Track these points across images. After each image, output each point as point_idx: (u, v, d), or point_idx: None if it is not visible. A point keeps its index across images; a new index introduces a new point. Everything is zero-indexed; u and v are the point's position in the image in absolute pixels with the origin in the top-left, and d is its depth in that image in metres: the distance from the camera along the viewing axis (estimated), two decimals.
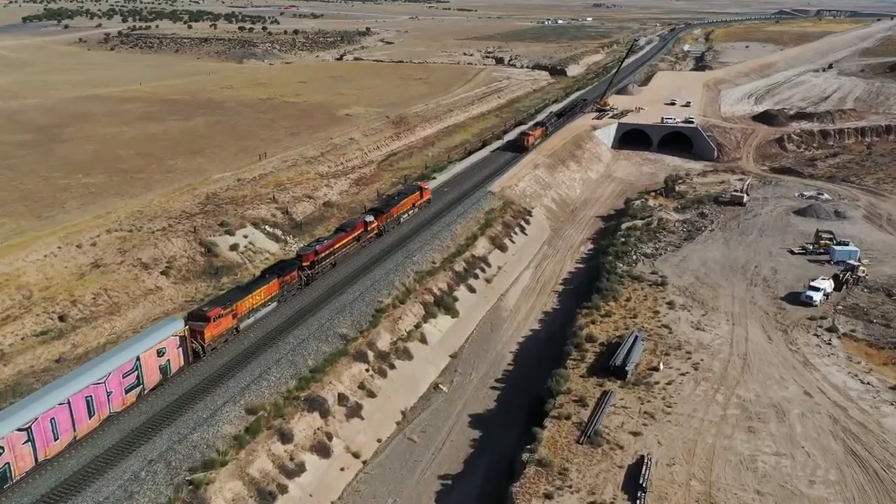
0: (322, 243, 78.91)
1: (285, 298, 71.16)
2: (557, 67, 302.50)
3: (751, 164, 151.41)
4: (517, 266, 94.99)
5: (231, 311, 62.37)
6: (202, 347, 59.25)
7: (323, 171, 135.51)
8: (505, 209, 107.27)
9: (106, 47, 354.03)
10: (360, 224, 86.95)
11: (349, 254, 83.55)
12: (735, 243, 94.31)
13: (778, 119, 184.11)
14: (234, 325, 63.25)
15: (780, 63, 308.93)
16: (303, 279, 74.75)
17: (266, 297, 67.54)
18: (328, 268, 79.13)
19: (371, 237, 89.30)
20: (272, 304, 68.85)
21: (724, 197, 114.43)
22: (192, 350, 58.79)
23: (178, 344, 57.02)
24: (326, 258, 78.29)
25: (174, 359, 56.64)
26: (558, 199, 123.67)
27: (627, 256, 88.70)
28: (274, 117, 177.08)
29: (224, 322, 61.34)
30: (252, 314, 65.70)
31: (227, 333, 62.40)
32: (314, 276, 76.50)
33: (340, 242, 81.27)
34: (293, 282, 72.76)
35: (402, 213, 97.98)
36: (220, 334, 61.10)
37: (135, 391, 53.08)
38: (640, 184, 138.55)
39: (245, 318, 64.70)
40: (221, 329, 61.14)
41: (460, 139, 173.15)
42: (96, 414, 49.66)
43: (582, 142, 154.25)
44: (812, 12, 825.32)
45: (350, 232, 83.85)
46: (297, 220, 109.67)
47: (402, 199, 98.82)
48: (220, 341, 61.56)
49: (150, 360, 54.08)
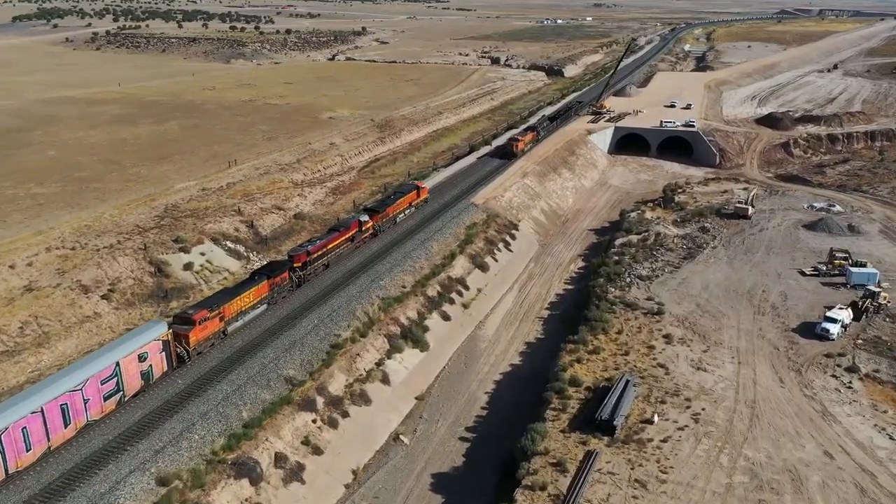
0: (314, 244, 76.73)
1: (275, 301, 69.04)
2: (554, 68, 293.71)
3: (755, 171, 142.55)
4: (499, 288, 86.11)
5: (218, 313, 60.33)
6: (187, 352, 57.00)
7: (297, 180, 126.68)
8: (488, 223, 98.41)
9: (92, 47, 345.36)
10: (355, 224, 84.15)
11: (343, 254, 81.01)
12: (740, 263, 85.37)
13: (783, 122, 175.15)
14: (222, 329, 61.27)
15: (784, 63, 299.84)
16: (294, 280, 72.49)
17: (255, 300, 65.55)
18: (321, 269, 76.94)
19: (366, 237, 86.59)
20: (262, 307, 66.67)
21: (727, 209, 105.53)
22: (177, 355, 56.61)
23: (161, 348, 54.96)
24: (319, 259, 76.19)
25: (157, 364, 54.53)
26: (548, 211, 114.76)
27: (620, 279, 79.76)
28: (253, 120, 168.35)
29: (210, 325, 59.27)
30: (241, 317, 63.63)
31: (214, 337, 60.34)
32: (306, 277, 74.24)
33: (333, 243, 78.92)
34: (284, 283, 70.58)
35: (399, 213, 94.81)
36: (206, 338, 59.02)
37: (114, 398, 51.01)
38: (637, 192, 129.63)
39: (233, 321, 62.76)
40: (208, 333, 59.09)
41: (448, 143, 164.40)
42: (72, 423, 47.54)
43: (576, 147, 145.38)
44: (814, 12, 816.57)
45: (343, 232, 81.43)
46: (262, 235, 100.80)
47: (398, 198, 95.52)
48: (207, 345, 59.50)
49: (131, 365, 51.98)
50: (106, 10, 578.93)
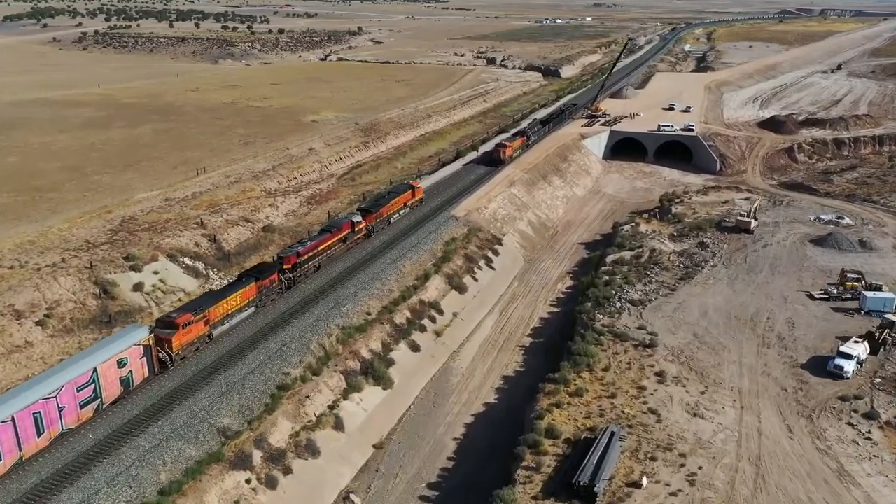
0: (305, 245, 74.73)
1: (264, 303, 67.13)
2: (551, 68, 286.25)
3: (757, 178, 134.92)
4: (478, 311, 78.50)
5: (203, 317, 58.38)
6: (170, 357, 54.98)
7: (271, 188, 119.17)
8: (469, 238, 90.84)
9: (79, 47, 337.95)
10: (347, 224, 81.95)
11: (335, 256, 78.89)
12: (742, 284, 77.69)
13: (786, 126, 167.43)
14: (207, 333, 59.28)
15: (786, 64, 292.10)
16: (284, 283, 70.53)
17: (242, 302, 63.58)
18: (311, 271, 74.90)
19: (359, 238, 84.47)
20: (249, 310, 64.62)
21: (728, 221, 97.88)
22: (159, 360, 54.58)
23: (142, 354, 52.79)
24: (310, 261, 74.05)
25: (137, 370, 52.42)
26: (536, 222, 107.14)
27: (609, 303, 72.10)
28: (232, 124, 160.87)
29: (195, 329, 57.28)
30: (227, 320, 61.69)
31: (199, 341, 58.25)
32: (296, 279, 72.18)
33: (325, 244, 76.76)
34: (273, 286, 68.54)
35: (393, 213, 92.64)
36: (190, 342, 56.95)
37: (91, 405, 48.85)
38: (632, 201, 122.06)
39: (219, 325, 60.76)
40: (192, 337, 57.07)
41: (436, 148, 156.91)
42: (46, 432, 45.38)
43: (568, 153, 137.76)
44: (816, 12, 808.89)
45: (335, 233, 79.19)
46: (225, 250, 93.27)
47: (392, 198, 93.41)
48: (191, 350, 57.47)
49: (109, 371, 49.80)
50: (100, 9, 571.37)
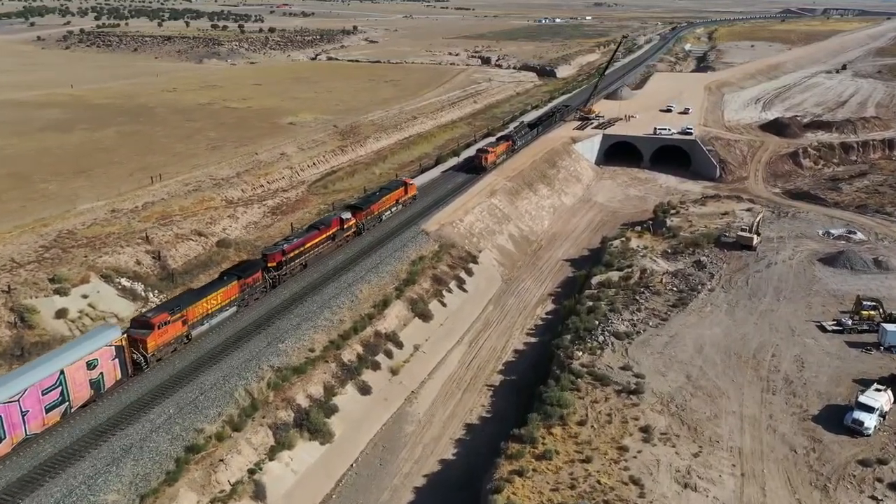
0: (291, 242, 72.67)
1: (247, 302, 65.09)
2: (546, 68, 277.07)
3: (760, 186, 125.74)
4: (444, 342, 69.38)
5: (181, 316, 56.41)
6: (144, 358, 53.05)
7: (233, 197, 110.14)
8: (440, 256, 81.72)
9: (62, 46, 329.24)
10: (336, 221, 79.96)
11: (322, 254, 76.84)
12: (743, 312, 68.51)
13: (790, 129, 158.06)
14: (185, 333, 57.33)
15: (789, 64, 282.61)
16: (268, 281, 68.37)
17: (223, 302, 61.45)
18: (298, 269, 73.01)
19: (348, 236, 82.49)
20: (231, 309, 62.58)
21: (728, 236, 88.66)
22: (133, 361, 52.64)
23: (114, 355, 50.72)
24: (296, 258, 72.17)
25: (109, 372, 50.33)
26: (518, 236, 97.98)
27: (591, 337, 62.92)
28: (203, 126, 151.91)
29: (171, 329, 55.41)
30: (206, 320, 59.56)
31: (176, 342, 56.41)
32: (281, 277, 70.24)
33: (312, 242, 74.83)
34: (256, 284, 66.41)
35: (384, 210, 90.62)
36: (166, 343, 55.13)
37: (58, 409, 46.82)
38: (624, 212, 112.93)
39: (198, 325, 58.72)
40: (168, 337, 55.22)
41: (420, 152, 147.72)
42: (8, 437, 43.58)
43: (557, 158, 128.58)
44: (818, 11, 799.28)
45: (323, 230, 77.25)
46: (170, 269, 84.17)
47: (383, 195, 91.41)
48: (168, 351, 55.61)
49: (78, 373, 47.75)
50: (92, 8, 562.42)
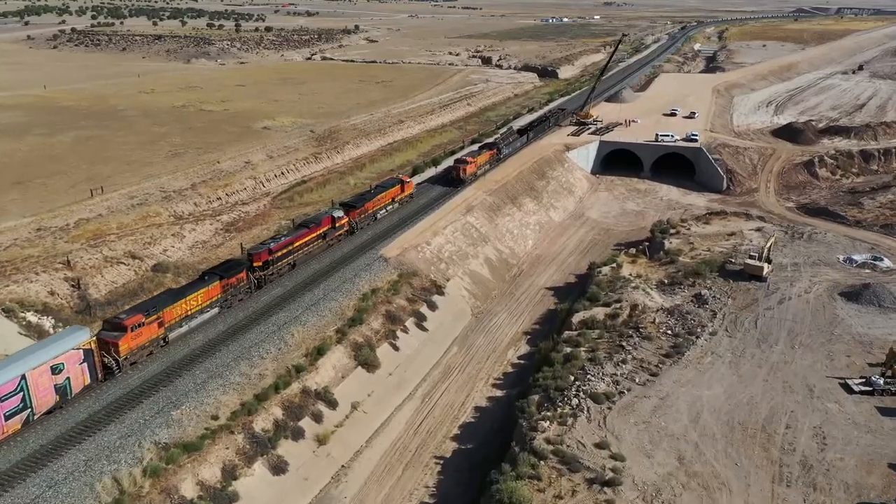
0: (279, 241, 70.12)
1: (230, 304, 62.88)
2: (548, 69, 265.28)
3: (771, 199, 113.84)
4: (391, 397, 58.05)
5: (157, 318, 54.38)
6: (116, 362, 50.91)
7: (183, 212, 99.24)
8: (397, 287, 70.40)
9: (50, 45, 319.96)
10: (327, 220, 77.01)
11: (312, 253, 74.10)
12: (751, 365, 56.88)
13: (805, 135, 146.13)
14: (161, 336, 55.25)
15: (803, 64, 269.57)
16: (253, 282, 66.09)
17: (204, 302, 59.27)
18: (286, 269, 70.37)
19: (340, 234, 79.59)
20: (213, 310, 60.37)
21: (734, 263, 76.98)
22: (104, 365, 50.49)
23: (82, 359, 48.34)
24: (283, 258, 69.70)
25: (76, 377, 48.01)
26: (496, 260, 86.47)
27: (564, 399, 51.41)
28: (169, 131, 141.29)
29: (146, 332, 53.33)
30: (185, 322, 57.43)
31: (152, 345, 54.33)
32: (268, 277, 67.63)
33: (301, 240, 72.16)
34: (241, 284, 64.16)
35: (379, 209, 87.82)
36: (140, 346, 52.97)
37: (19, 417, 44.12)
38: (619, 230, 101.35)
39: (176, 327, 56.63)
40: (143, 340, 53.08)
41: (402, 160, 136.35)
42: None
43: (548, 168, 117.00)
44: (832, 10, 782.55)
45: (314, 229, 74.47)
46: (90, 299, 73.15)
47: (378, 192, 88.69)
48: (143, 354, 53.50)
49: (42, 378, 45.28)
50: (92, 7, 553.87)
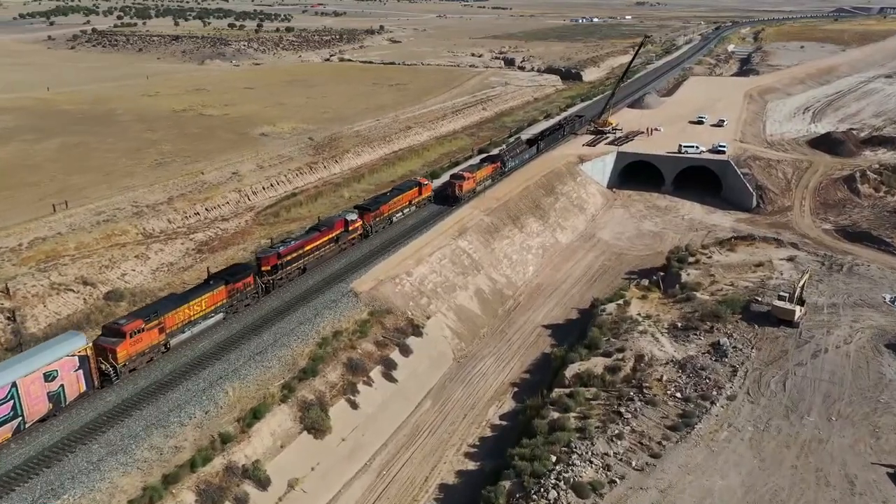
0: (288, 244, 68.35)
1: (236, 309, 60.62)
2: (572, 71, 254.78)
3: (806, 220, 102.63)
4: (339, 472, 48.63)
5: (158, 324, 51.82)
6: (114, 369, 48.46)
7: (155, 229, 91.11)
8: (367, 328, 61.13)
9: (68, 46, 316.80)
10: (340, 223, 74.87)
11: (325, 257, 72.27)
12: (776, 443, 46.50)
13: (845, 146, 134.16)
14: (162, 342, 52.68)
15: (843, 67, 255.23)
16: (261, 286, 64.02)
17: (209, 308, 57.09)
18: (295, 273, 68.51)
19: (354, 238, 77.15)
20: (217, 316, 58.28)
21: (759, 303, 66.46)
22: (101, 372, 48.04)
23: (77, 366, 45.91)
24: (293, 262, 67.77)
25: (70, 384, 45.66)
26: (488, 291, 76.71)
27: (541, 490, 41.63)
28: (161, 137, 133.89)
29: (146, 338, 50.77)
30: (188, 327, 55.10)
31: (152, 351, 51.72)
32: (276, 282, 65.77)
33: (312, 244, 70.24)
34: (248, 289, 62.03)
35: (395, 212, 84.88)
36: (140, 352, 50.37)
37: (10, 425, 42.31)
38: (633, 254, 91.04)
39: (178, 333, 54.09)
40: (142, 346, 50.58)
41: (405, 170, 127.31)
42: None
43: (558, 182, 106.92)
44: (874, 10, 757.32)
45: (325, 232, 72.57)
46: (25, 334, 64.93)
47: (395, 195, 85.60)
48: (142, 361, 50.83)
49: (34, 386, 43.24)
50: (121, 8, 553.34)
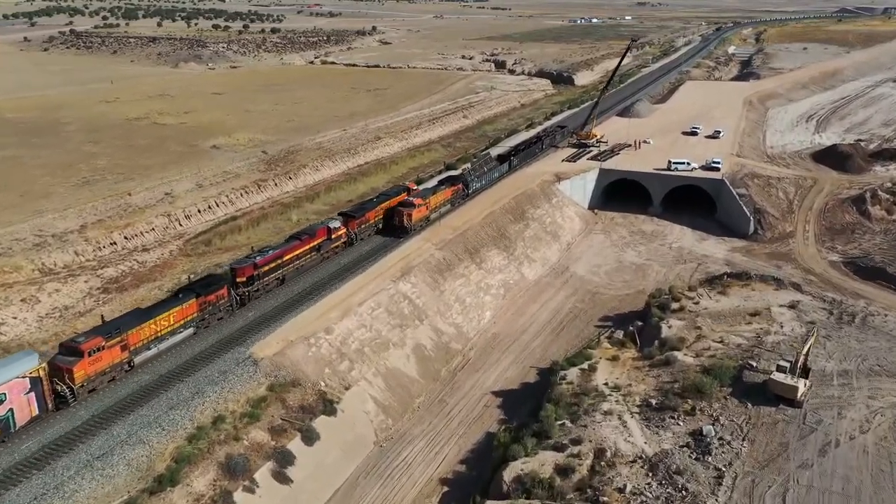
0: (266, 254, 63.66)
1: (208, 323, 56.18)
2: (564, 74, 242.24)
3: (810, 248, 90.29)
4: None
5: (120, 341, 48.07)
6: (71, 390, 44.64)
7: (55, 264, 78.90)
8: (260, 410, 48.76)
9: (42, 48, 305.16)
10: (322, 231, 70.82)
11: (305, 266, 67.67)
12: None
13: (853, 160, 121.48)
14: (126, 360, 48.82)
15: (849, 70, 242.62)
16: (235, 299, 59.32)
17: (177, 322, 53.00)
18: (274, 284, 63.81)
19: (337, 247, 73.47)
20: (187, 331, 53.87)
21: (753, 370, 54.13)
22: (56, 394, 44.34)
23: (28, 388, 42.44)
24: (271, 272, 63.30)
25: (21, 408, 42.21)
26: (430, 347, 64.28)
27: None
28: (101, 150, 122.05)
29: (107, 356, 46.93)
30: (155, 344, 51.04)
31: (114, 370, 47.92)
32: (252, 294, 61.14)
33: (292, 253, 65.71)
34: (221, 302, 57.33)
35: (381, 219, 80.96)
36: (100, 372, 46.65)
37: None
38: (609, 293, 78.65)
39: (143, 350, 50.24)
40: (103, 365, 46.73)
41: (367, 187, 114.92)
42: None
43: (529, 206, 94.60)
44: (878, 10, 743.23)
45: (307, 240, 68.08)
46: None
47: (382, 201, 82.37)
48: (103, 381, 47.05)
49: None
50: (110, 9, 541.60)
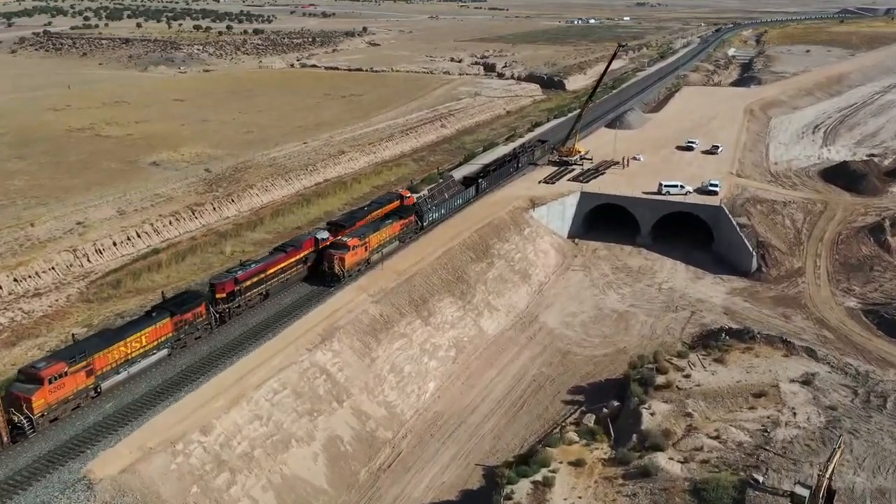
0: (248, 268, 58.99)
1: (184, 343, 51.93)
2: (554, 79, 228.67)
3: (823, 290, 77.10)
4: None
5: (85, 366, 44.57)
6: (30, 421, 41.49)
7: None
8: None
9: (9, 50, 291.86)
10: (309, 243, 65.91)
11: (291, 280, 63.06)
12: None
13: (867, 180, 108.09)
14: (91, 385, 45.31)
15: (855, 74, 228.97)
16: (214, 316, 54.69)
17: (150, 343, 49.08)
18: (256, 300, 59.26)
19: None
20: (160, 352, 50.01)
21: (759, 488, 41.07)
22: (11, 425, 41.15)
23: None
24: (254, 287, 58.68)
25: None
26: (349, 438, 50.68)
27: None
28: (26, 167, 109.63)
29: (70, 383, 43.55)
30: (125, 367, 47.38)
31: (78, 397, 44.59)
32: (233, 311, 56.54)
33: (276, 267, 61.43)
34: (198, 320, 53.11)
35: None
36: (62, 400, 43.41)
37: None
38: (584, 353, 65.32)
39: (112, 374, 46.63)
40: (66, 392, 43.53)
41: (319, 211, 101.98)
42: None
43: (496, 239, 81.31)
44: (880, 11, 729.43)
45: (292, 253, 63.51)
46: None
47: (374, 209, 76.20)
48: (66, 409, 43.86)
49: None
50: (95, 10, 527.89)
